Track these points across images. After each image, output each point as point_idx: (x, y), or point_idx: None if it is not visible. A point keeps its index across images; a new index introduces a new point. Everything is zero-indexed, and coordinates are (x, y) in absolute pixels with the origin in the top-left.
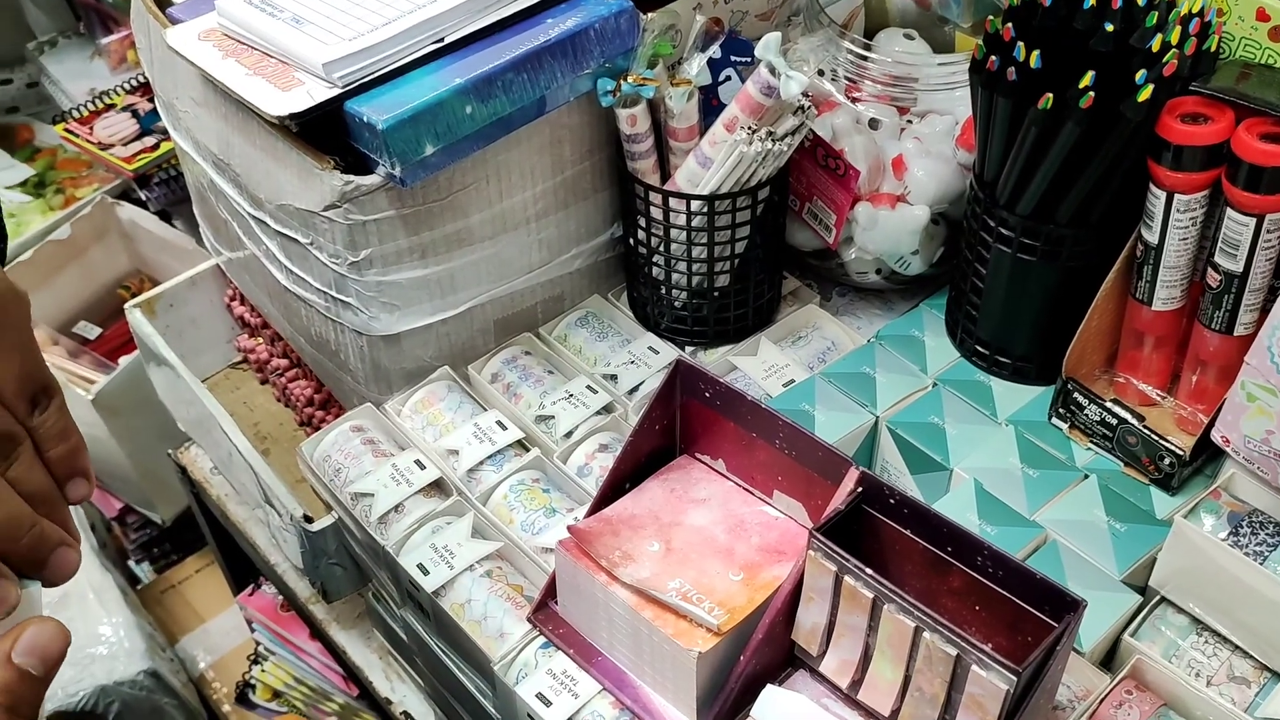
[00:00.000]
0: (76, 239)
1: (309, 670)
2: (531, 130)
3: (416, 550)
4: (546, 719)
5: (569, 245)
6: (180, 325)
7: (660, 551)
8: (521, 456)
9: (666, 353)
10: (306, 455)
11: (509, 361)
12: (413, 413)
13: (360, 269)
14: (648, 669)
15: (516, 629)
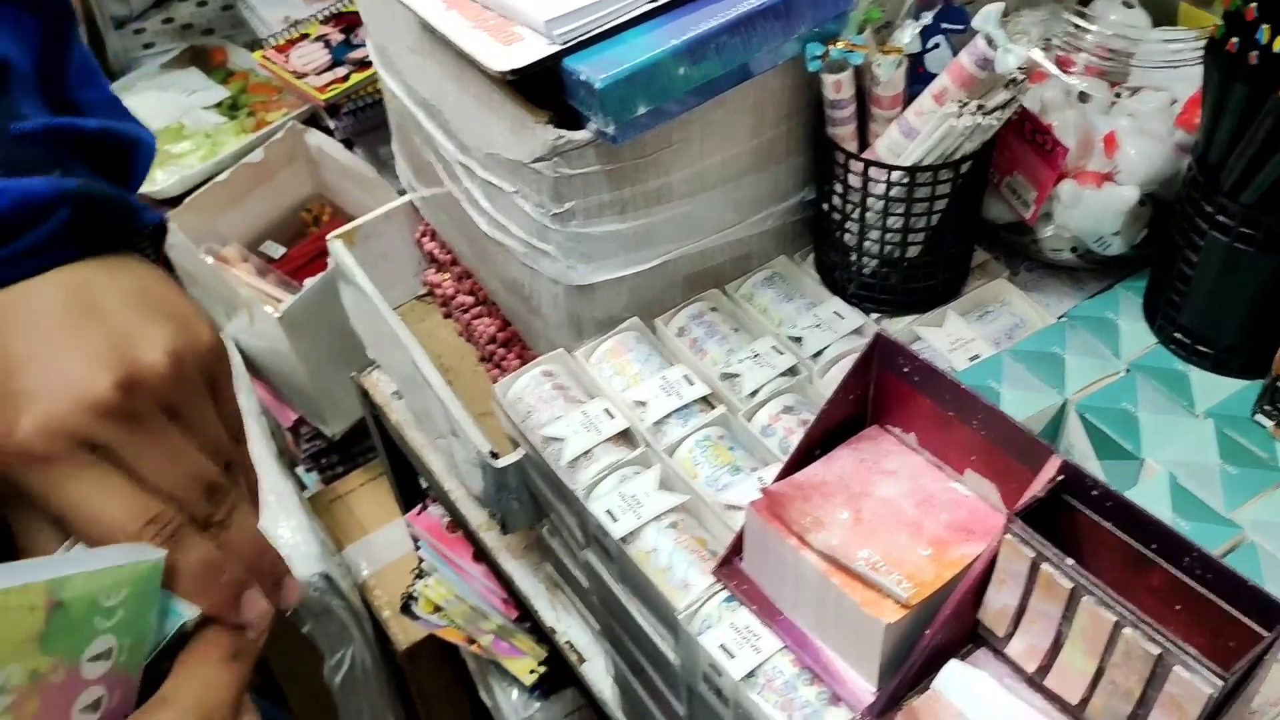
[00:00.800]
0: (268, 162)
1: (469, 590)
2: (736, 91)
3: (605, 497)
4: (729, 670)
5: (761, 206)
6: (373, 257)
7: (849, 520)
8: (707, 413)
9: (852, 318)
10: (499, 396)
11: (696, 317)
12: (601, 361)
13: (563, 220)
14: (831, 632)
15: (700, 581)
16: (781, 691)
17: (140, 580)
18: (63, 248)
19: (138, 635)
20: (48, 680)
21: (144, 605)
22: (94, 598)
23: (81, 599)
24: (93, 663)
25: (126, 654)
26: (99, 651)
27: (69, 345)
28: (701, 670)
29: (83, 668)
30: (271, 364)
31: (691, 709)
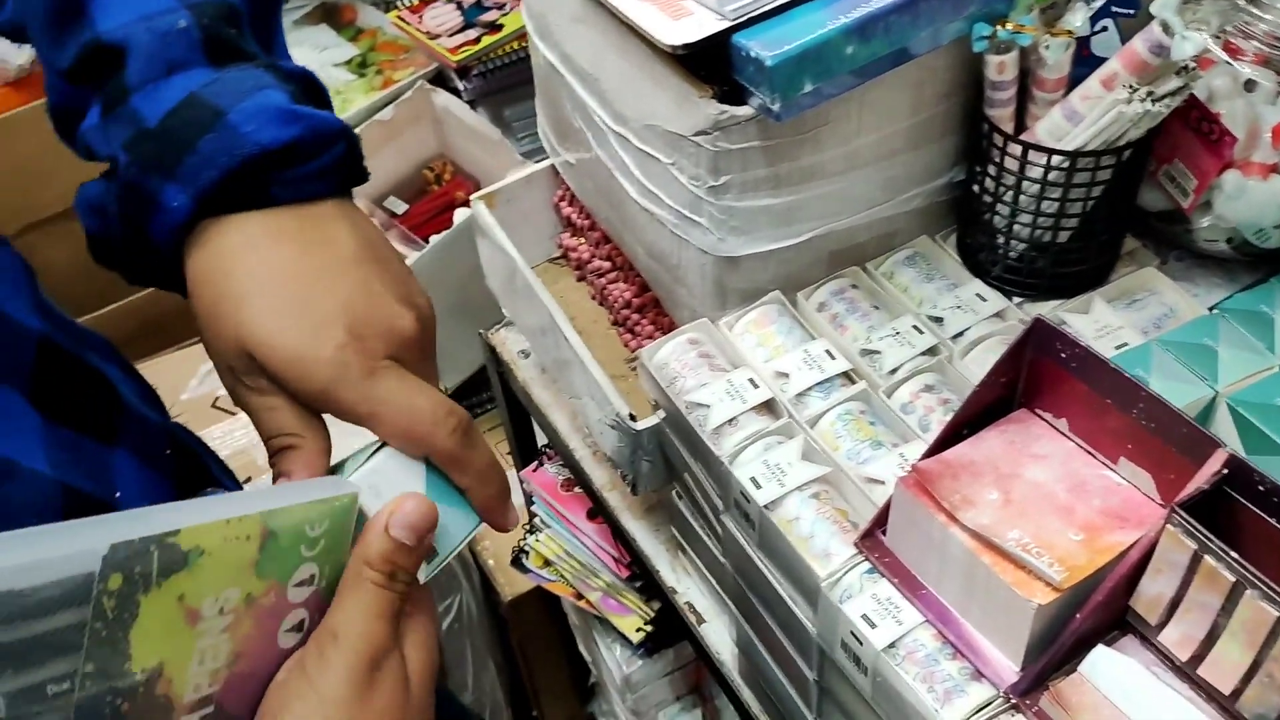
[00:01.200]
0: (396, 120)
1: (581, 547)
2: (898, 70)
3: (749, 465)
4: (871, 639)
5: (910, 185)
6: (513, 219)
7: (999, 501)
8: (848, 387)
9: (995, 301)
10: (645, 359)
11: (837, 293)
12: (745, 331)
13: (717, 193)
14: (976, 610)
15: (841, 551)
16: (923, 664)
17: (339, 513)
18: (332, 179)
19: (336, 562)
20: (260, 603)
21: (342, 535)
22: (300, 528)
23: (290, 529)
24: (298, 587)
25: (325, 580)
26: (304, 578)
27: (374, 279)
28: (840, 638)
29: (290, 592)
30: None
31: (823, 675)
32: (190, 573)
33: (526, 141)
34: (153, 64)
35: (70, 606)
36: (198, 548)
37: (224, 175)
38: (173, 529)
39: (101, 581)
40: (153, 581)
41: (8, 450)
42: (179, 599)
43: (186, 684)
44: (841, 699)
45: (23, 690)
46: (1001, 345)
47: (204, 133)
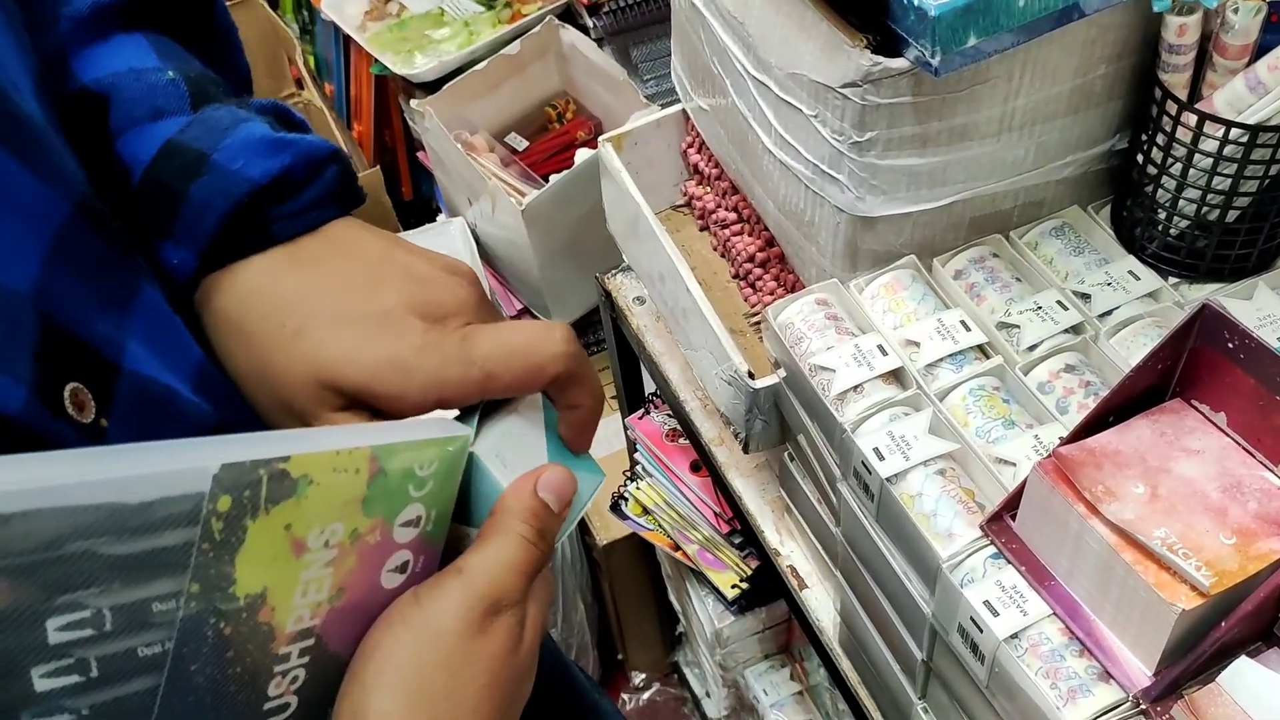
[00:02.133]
0: (522, 55)
1: (681, 498)
2: (1069, 27)
3: (873, 434)
4: (993, 628)
5: (1064, 152)
6: (639, 164)
7: (1145, 495)
8: (982, 362)
9: (1148, 280)
10: (771, 317)
11: (976, 261)
12: (875, 296)
13: (861, 150)
14: (1110, 608)
15: (966, 533)
16: (1047, 659)
17: (451, 456)
18: (331, 207)
19: (443, 506)
20: (365, 540)
21: (450, 479)
22: (410, 467)
23: (400, 467)
24: (404, 528)
25: (433, 524)
26: (410, 518)
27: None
28: (958, 623)
29: (395, 531)
30: (506, 253)
31: (934, 657)
32: (297, 502)
33: (652, 83)
34: (138, 108)
35: (179, 525)
36: (306, 476)
37: (222, 221)
38: (283, 455)
39: (211, 502)
40: (260, 508)
41: (171, 379)
42: (286, 528)
43: (289, 614)
44: (950, 682)
45: (129, 605)
46: (1153, 328)
47: (192, 179)
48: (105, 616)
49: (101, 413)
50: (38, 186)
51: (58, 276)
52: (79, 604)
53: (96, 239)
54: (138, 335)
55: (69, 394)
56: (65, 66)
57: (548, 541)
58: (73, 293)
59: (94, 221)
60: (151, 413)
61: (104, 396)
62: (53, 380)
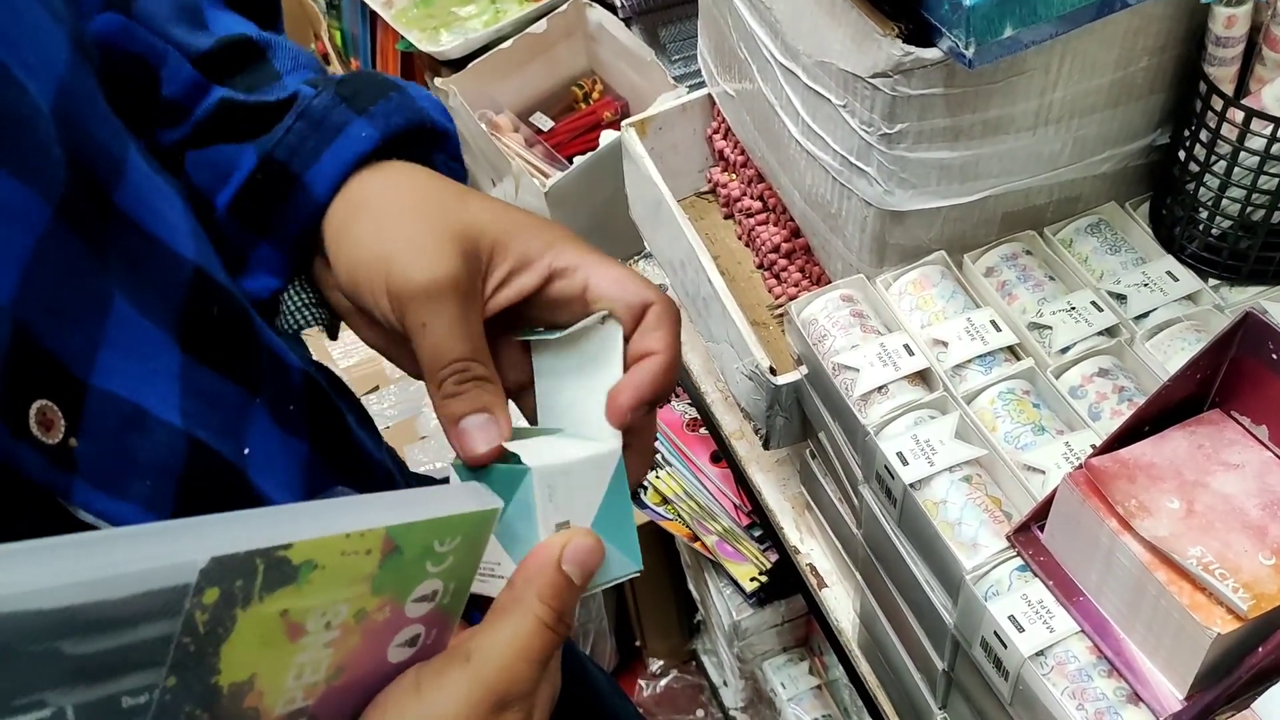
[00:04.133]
0: (549, 34)
1: (701, 489)
2: (1111, 18)
3: (897, 438)
4: (1018, 644)
5: (1102, 146)
6: (662, 149)
7: (1180, 511)
8: (1012, 364)
9: (1187, 281)
10: (794, 313)
11: (1008, 258)
12: (903, 292)
13: (890, 142)
14: (1141, 628)
15: (991, 543)
16: (1073, 678)
17: (475, 528)
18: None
19: (462, 580)
20: (372, 618)
21: (473, 551)
22: (429, 543)
23: (417, 544)
24: (417, 603)
25: (450, 596)
26: (424, 594)
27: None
28: (981, 636)
29: (407, 608)
30: None
31: (955, 668)
32: (298, 588)
33: (679, 65)
34: (299, 61)
35: (157, 619)
36: (310, 562)
37: (409, 124)
38: (285, 543)
39: (196, 595)
40: (254, 596)
41: (141, 397)
42: (282, 614)
43: (279, 696)
44: (972, 694)
45: (95, 702)
46: (1191, 332)
47: (390, 91)
48: (67, 714)
49: (71, 432)
50: (17, 188)
51: (37, 285)
52: (39, 703)
53: (76, 244)
54: (111, 348)
55: (35, 412)
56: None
57: (566, 624)
58: (48, 303)
59: (73, 223)
60: (124, 432)
61: (73, 415)
62: (18, 397)
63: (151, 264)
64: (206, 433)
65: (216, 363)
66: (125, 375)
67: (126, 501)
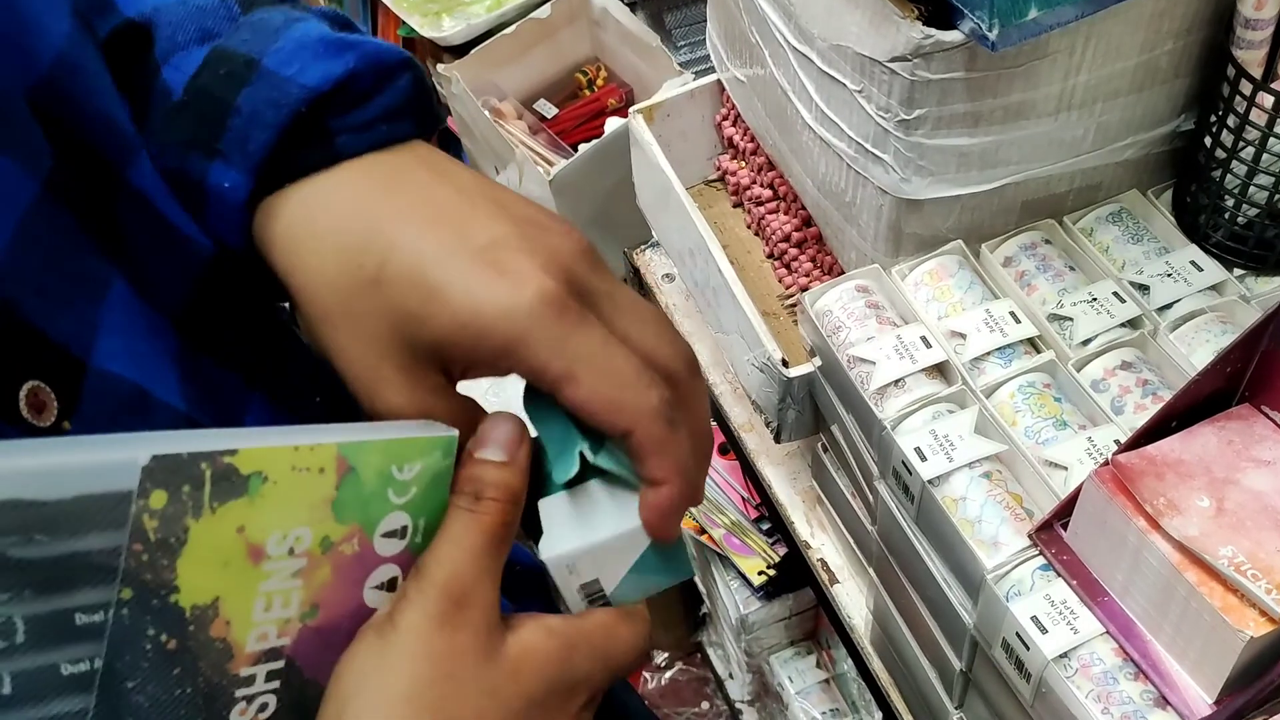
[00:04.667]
0: (553, 20)
1: (709, 482)
2: (1137, 0)
3: (915, 433)
4: (1041, 646)
5: (1126, 132)
6: (670, 136)
7: (1210, 509)
8: (1032, 356)
9: (1212, 271)
10: (808, 304)
11: (1027, 248)
12: (920, 282)
13: (908, 128)
14: (1169, 630)
15: (1013, 541)
16: (1099, 681)
17: (434, 454)
18: (407, 121)
19: (432, 516)
20: (340, 550)
21: (438, 484)
22: (385, 468)
23: (373, 467)
24: (386, 539)
25: (421, 535)
26: (393, 528)
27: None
28: (1002, 637)
29: (376, 543)
30: None
31: (974, 668)
32: (251, 501)
33: (685, 51)
34: (182, 32)
35: (104, 527)
36: (260, 473)
37: (277, 134)
38: (229, 448)
39: (142, 498)
40: (204, 505)
41: (143, 378)
42: (238, 529)
43: (249, 629)
44: (991, 696)
45: (45, 615)
46: (1216, 323)
47: (239, 87)
48: (16, 626)
49: (65, 414)
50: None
51: (23, 262)
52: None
53: (68, 220)
54: (109, 329)
55: (26, 394)
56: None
57: (494, 498)
58: (39, 281)
59: (65, 200)
60: (122, 415)
61: (68, 397)
62: (8, 378)
63: (162, 246)
64: (206, 420)
65: (211, 349)
66: (126, 356)
67: None
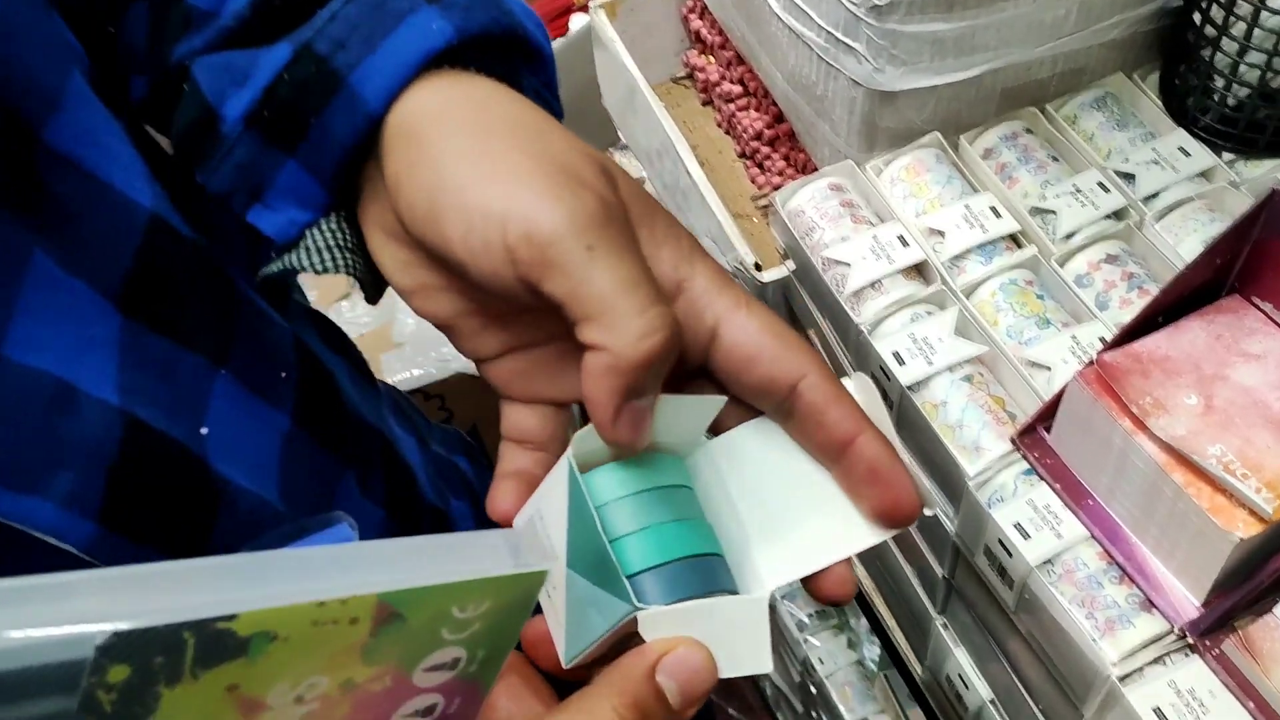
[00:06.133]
0: None
1: None
2: None
3: (892, 336)
4: (1024, 553)
5: (1111, 11)
6: (635, 31)
7: (1198, 407)
8: (1014, 252)
9: (1200, 157)
10: (779, 204)
11: (1007, 138)
12: (896, 178)
13: (881, 14)
14: (1155, 532)
15: (995, 446)
16: (1082, 586)
17: (512, 592)
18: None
19: (496, 646)
20: (365, 689)
21: (512, 616)
22: (445, 610)
23: (427, 611)
24: (430, 672)
25: (478, 665)
26: (440, 662)
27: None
28: (984, 544)
29: (416, 676)
30: None
31: (956, 575)
32: (250, 662)
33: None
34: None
35: (51, 694)
36: (266, 633)
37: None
38: (225, 614)
39: (95, 675)
40: (184, 673)
41: (70, 372)
42: (229, 688)
43: None
44: (974, 603)
45: None
46: (1204, 211)
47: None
48: None
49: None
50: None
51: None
52: None
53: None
54: (26, 312)
55: None
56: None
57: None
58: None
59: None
60: (42, 415)
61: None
62: None
63: (92, 212)
64: (151, 411)
65: (169, 328)
66: (48, 346)
67: (37, 497)
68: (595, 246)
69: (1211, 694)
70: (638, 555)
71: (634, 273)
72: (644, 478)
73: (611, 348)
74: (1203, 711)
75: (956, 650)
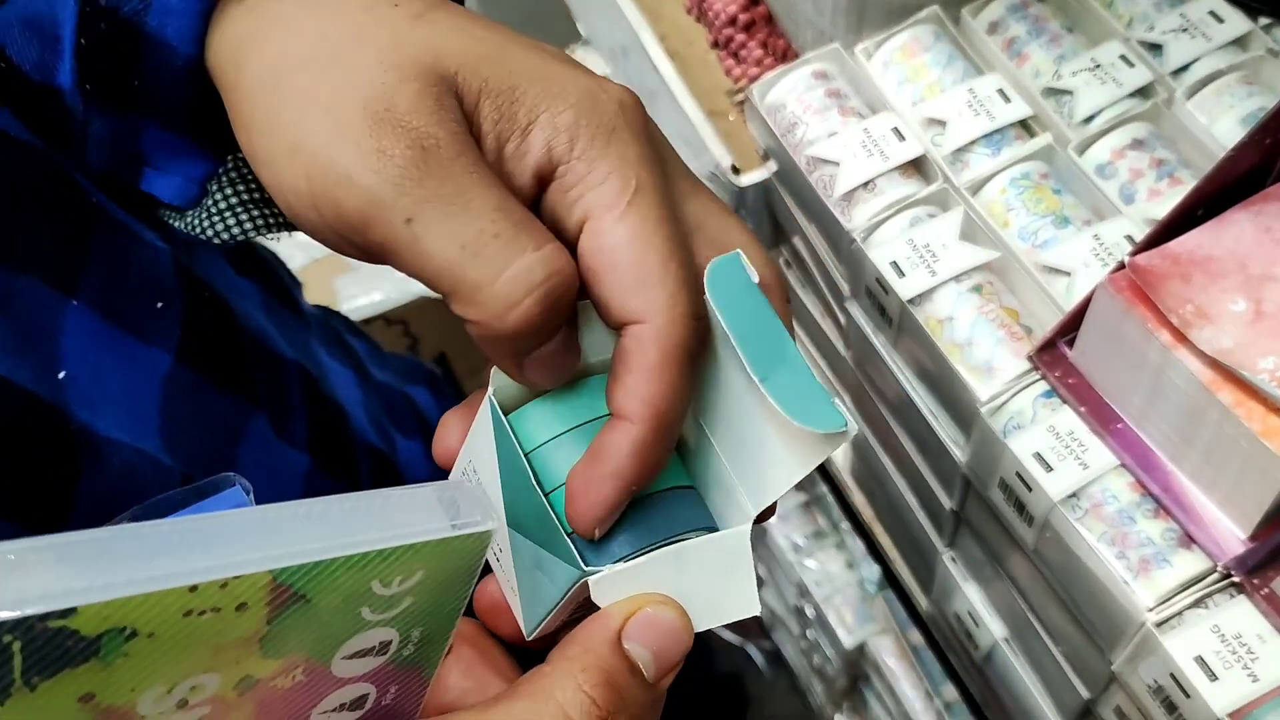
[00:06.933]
0: None
1: None
2: None
3: (890, 244)
4: (1045, 486)
5: None
6: None
7: (1247, 314)
8: (1025, 141)
9: (1235, 22)
10: (756, 99)
11: (1016, 8)
12: (889, 62)
13: None
14: (1195, 458)
15: (1009, 366)
16: (1113, 521)
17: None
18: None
19: (435, 627)
20: (269, 686)
21: (450, 590)
22: (361, 587)
23: (339, 590)
24: (354, 659)
25: (415, 648)
26: (364, 648)
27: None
28: (1000, 477)
29: (335, 666)
30: None
31: (966, 509)
32: (106, 665)
33: None
34: None
35: None
36: (121, 629)
37: None
38: (59, 608)
39: None
40: (13, 682)
41: None
42: (82, 699)
43: None
44: (987, 538)
45: None
46: (1240, 85)
47: None
48: None
49: None
50: None
51: None
52: None
53: None
54: None
55: None
56: None
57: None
58: None
59: None
60: None
61: None
62: None
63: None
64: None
65: (23, 265)
66: None
67: None
68: (415, 217)
69: (1261, 639)
70: None
71: (471, 232)
72: (577, 410)
73: (480, 322)
74: (1251, 659)
75: (965, 585)
